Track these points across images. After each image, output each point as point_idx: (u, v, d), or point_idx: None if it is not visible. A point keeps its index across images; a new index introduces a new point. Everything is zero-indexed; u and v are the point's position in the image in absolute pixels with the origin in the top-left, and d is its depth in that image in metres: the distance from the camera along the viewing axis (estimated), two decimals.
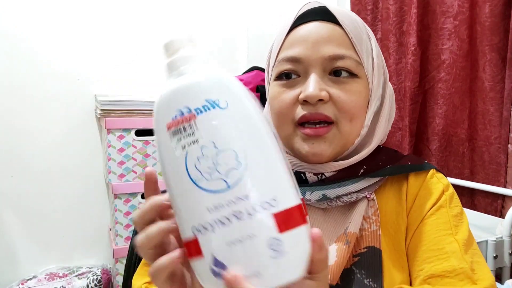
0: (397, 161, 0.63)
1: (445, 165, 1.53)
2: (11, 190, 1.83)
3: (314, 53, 0.57)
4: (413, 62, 1.53)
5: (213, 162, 0.32)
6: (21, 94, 1.82)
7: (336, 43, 0.58)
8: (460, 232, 0.57)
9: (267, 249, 0.31)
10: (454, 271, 0.54)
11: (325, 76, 0.58)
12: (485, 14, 1.33)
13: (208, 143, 0.32)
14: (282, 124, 0.59)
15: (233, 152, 0.32)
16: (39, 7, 1.82)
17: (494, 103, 1.35)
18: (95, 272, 1.82)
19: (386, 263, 0.57)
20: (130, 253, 0.85)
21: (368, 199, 0.59)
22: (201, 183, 0.32)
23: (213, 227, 0.32)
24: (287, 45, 0.60)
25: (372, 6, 1.78)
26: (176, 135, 0.33)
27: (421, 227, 0.59)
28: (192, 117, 0.33)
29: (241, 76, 1.99)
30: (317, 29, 0.58)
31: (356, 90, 0.58)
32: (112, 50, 1.95)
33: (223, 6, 2.16)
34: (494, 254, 1.16)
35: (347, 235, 0.56)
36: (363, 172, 0.60)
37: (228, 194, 0.32)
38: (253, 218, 0.31)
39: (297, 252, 0.32)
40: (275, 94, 0.60)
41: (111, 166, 1.70)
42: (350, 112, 0.57)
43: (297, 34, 0.60)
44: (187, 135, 0.33)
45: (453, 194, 0.62)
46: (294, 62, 0.58)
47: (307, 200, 0.59)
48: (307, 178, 0.60)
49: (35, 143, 1.85)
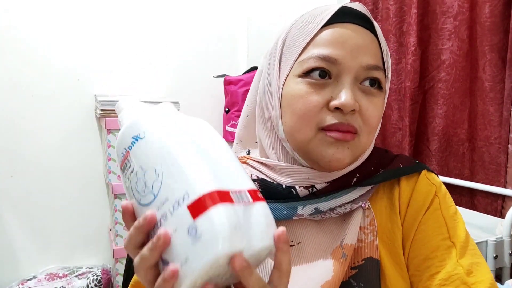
0: (389, 164, 0.61)
1: (445, 165, 1.53)
2: (11, 190, 1.83)
3: (352, 58, 0.54)
4: (413, 62, 1.53)
5: (144, 181, 0.40)
6: (21, 94, 1.82)
7: (373, 53, 0.56)
8: (456, 234, 0.56)
9: (187, 236, 0.36)
10: (449, 278, 0.53)
11: (355, 85, 0.55)
12: (485, 14, 1.33)
13: (138, 168, 0.41)
14: (303, 126, 0.55)
15: (153, 168, 0.40)
16: (39, 7, 1.82)
17: (494, 103, 1.35)
18: (95, 272, 1.82)
19: (385, 273, 0.56)
20: None
21: (364, 208, 0.58)
22: (141, 201, 0.40)
23: (154, 232, 0.39)
24: (321, 42, 0.55)
25: (372, 6, 1.78)
26: (124, 171, 0.43)
27: (418, 235, 0.57)
28: (127, 154, 0.43)
29: (241, 76, 1.99)
30: (357, 34, 0.55)
31: (380, 104, 0.57)
32: (112, 50, 1.96)
33: (223, 6, 2.16)
34: (494, 254, 1.16)
35: (343, 247, 0.55)
36: (356, 181, 0.58)
37: (156, 202, 0.39)
38: (173, 215, 0.38)
39: (211, 231, 0.36)
40: (300, 93, 0.55)
41: (111, 166, 1.70)
42: (373, 125, 0.56)
43: (334, 33, 0.55)
44: (127, 168, 0.43)
45: (446, 194, 0.61)
46: (329, 62, 0.54)
47: (299, 215, 0.56)
48: (297, 193, 0.58)
49: (35, 143, 1.85)
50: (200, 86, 2.12)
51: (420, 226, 0.58)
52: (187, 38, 2.10)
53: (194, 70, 2.11)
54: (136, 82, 2.00)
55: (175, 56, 2.08)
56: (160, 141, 0.41)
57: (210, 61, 2.14)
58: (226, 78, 2.02)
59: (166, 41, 2.06)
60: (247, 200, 0.40)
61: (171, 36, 2.07)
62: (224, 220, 0.37)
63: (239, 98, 1.93)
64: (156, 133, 0.42)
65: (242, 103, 1.92)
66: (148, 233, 0.40)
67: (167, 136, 0.42)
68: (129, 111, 0.47)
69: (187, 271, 0.36)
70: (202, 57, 2.13)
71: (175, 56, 2.08)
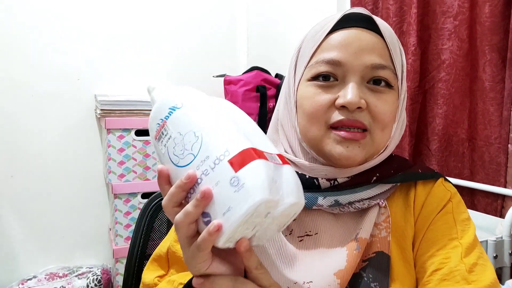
0: (408, 169, 0.64)
1: (445, 165, 1.53)
2: (11, 190, 1.83)
3: (356, 59, 0.57)
4: (413, 62, 1.53)
5: (182, 144, 0.44)
6: (21, 94, 1.82)
7: (378, 53, 0.58)
8: (465, 236, 0.58)
9: (230, 187, 0.40)
10: (450, 273, 0.54)
11: (362, 84, 0.58)
12: (485, 14, 1.33)
13: (176, 134, 0.45)
14: (313, 125, 0.59)
15: (192, 132, 0.44)
16: (39, 7, 1.82)
17: (494, 103, 1.35)
18: (95, 272, 1.82)
19: (394, 269, 0.57)
20: (130, 253, 0.86)
21: (380, 206, 0.60)
22: (179, 163, 0.44)
23: (194, 190, 0.43)
24: (326, 47, 0.59)
25: (372, 6, 1.78)
26: (160, 140, 0.47)
27: (427, 234, 0.59)
28: (164, 123, 0.47)
29: (241, 76, 1.99)
30: (360, 36, 0.58)
31: (390, 100, 0.59)
32: (112, 50, 1.96)
33: (223, 6, 2.16)
34: (494, 254, 1.16)
35: (357, 240, 0.57)
36: (376, 179, 0.61)
37: (196, 162, 0.43)
38: (215, 170, 0.41)
39: (253, 180, 0.40)
40: (309, 94, 0.59)
41: (111, 166, 1.70)
42: (384, 122, 0.58)
43: (338, 38, 0.59)
44: (164, 136, 0.47)
45: (460, 201, 0.62)
46: (333, 65, 0.58)
47: (319, 205, 0.59)
48: (320, 184, 0.60)
49: (35, 143, 1.85)
50: (200, 86, 2.10)
51: (431, 226, 0.59)
52: (187, 38, 2.10)
53: (194, 70, 2.11)
54: (136, 82, 2.00)
55: (175, 56, 2.08)
56: (198, 109, 0.46)
57: (210, 61, 2.14)
58: (226, 78, 2.02)
59: (166, 41, 2.06)
60: (278, 162, 0.45)
61: (171, 36, 2.07)
62: (264, 172, 0.41)
63: (239, 98, 1.93)
64: (193, 102, 0.47)
65: (242, 103, 1.92)
66: (188, 191, 0.43)
67: (203, 105, 0.47)
68: (161, 90, 0.52)
69: (229, 219, 0.40)
70: (202, 57, 2.13)
71: (175, 56, 2.08)
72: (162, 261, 0.65)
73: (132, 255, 0.85)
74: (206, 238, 0.41)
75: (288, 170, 0.45)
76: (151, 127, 0.49)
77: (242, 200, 0.39)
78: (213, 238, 0.40)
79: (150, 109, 0.51)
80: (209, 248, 0.42)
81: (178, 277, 0.59)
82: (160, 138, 0.47)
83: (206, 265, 0.44)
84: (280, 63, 2.04)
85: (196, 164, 0.43)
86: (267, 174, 0.41)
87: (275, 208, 0.42)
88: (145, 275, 0.65)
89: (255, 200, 0.39)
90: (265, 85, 1.93)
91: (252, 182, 0.40)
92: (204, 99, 0.49)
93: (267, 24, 2.18)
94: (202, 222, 0.42)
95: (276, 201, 0.41)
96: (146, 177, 1.76)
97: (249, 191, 0.39)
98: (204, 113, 0.46)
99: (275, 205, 0.42)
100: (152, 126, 0.49)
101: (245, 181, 0.40)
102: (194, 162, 0.43)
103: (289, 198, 0.43)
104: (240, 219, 0.39)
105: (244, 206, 0.39)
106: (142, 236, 0.86)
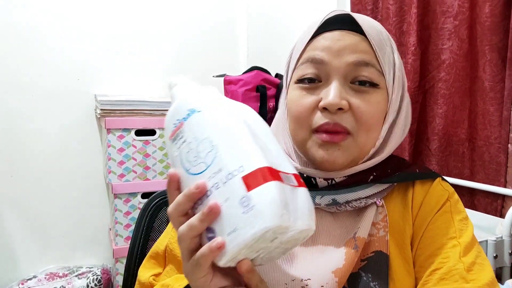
0: (406, 169, 0.64)
1: (445, 165, 1.53)
2: (11, 190, 1.83)
3: (338, 58, 0.57)
4: (413, 62, 1.53)
5: (196, 151, 0.42)
6: (21, 94, 1.82)
7: (360, 51, 0.58)
8: (464, 235, 0.58)
9: (239, 207, 0.38)
10: (449, 273, 0.54)
11: (346, 84, 0.58)
12: (485, 14, 1.33)
13: (192, 139, 0.43)
14: (299, 128, 0.60)
15: (208, 140, 0.42)
16: (39, 7, 1.82)
17: (494, 103, 1.35)
18: (95, 272, 1.82)
19: (393, 268, 0.57)
20: (130, 253, 0.86)
21: (378, 205, 0.60)
22: (191, 170, 0.42)
23: (201, 201, 0.41)
24: (310, 50, 0.60)
25: (372, 6, 1.78)
26: (174, 141, 0.45)
27: (426, 233, 0.59)
28: (181, 125, 0.45)
29: (241, 76, 1.98)
30: (341, 37, 0.59)
31: (375, 100, 0.58)
32: (112, 50, 1.96)
33: (223, 6, 2.16)
34: (494, 254, 1.16)
35: (356, 239, 0.57)
36: (373, 178, 0.61)
37: (208, 172, 0.41)
38: (226, 185, 0.39)
39: (264, 204, 0.38)
40: (294, 98, 0.60)
41: (111, 166, 1.70)
42: (368, 123, 0.58)
43: (321, 41, 0.59)
44: (179, 139, 0.44)
45: (458, 201, 0.63)
46: (316, 64, 0.58)
47: (317, 204, 0.59)
48: (317, 183, 0.61)
49: (35, 143, 1.85)
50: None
51: (429, 225, 0.60)
52: (187, 37, 2.10)
53: (194, 70, 2.11)
54: (136, 82, 2.00)
55: (175, 55, 2.08)
56: (218, 117, 0.44)
57: (210, 61, 2.14)
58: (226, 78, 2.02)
59: (166, 41, 2.06)
60: (293, 183, 0.43)
61: (171, 36, 2.07)
62: (277, 196, 0.38)
63: (239, 98, 1.92)
64: (213, 107, 0.45)
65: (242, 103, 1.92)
66: (196, 202, 0.41)
67: (224, 113, 0.45)
68: (183, 87, 0.49)
69: (233, 240, 0.38)
70: (202, 57, 2.13)
71: (175, 56, 2.08)
72: (159, 259, 0.65)
73: (132, 255, 0.85)
74: (206, 254, 0.39)
75: (302, 193, 0.43)
76: (167, 126, 0.47)
77: (249, 224, 0.37)
78: (214, 255, 0.39)
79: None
80: (208, 264, 0.41)
81: (172, 280, 0.59)
82: (175, 139, 0.45)
83: (207, 280, 0.42)
84: (280, 63, 2.02)
85: (208, 175, 0.41)
86: (280, 198, 0.38)
87: (283, 234, 0.40)
88: (141, 272, 0.64)
89: (263, 226, 0.37)
90: (265, 85, 1.92)
91: (263, 205, 0.38)
92: (225, 105, 0.46)
93: (267, 24, 2.18)
94: (205, 237, 0.40)
95: (285, 227, 0.39)
96: (146, 177, 1.76)
97: (258, 215, 0.37)
98: (224, 121, 0.43)
99: (284, 232, 0.39)
100: (168, 125, 0.46)
101: (255, 203, 0.38)
102: (205, 172, 0.41)
103: (299, 225, 0.41)
104: (244, 243, 0.38)
105: (251, 231, 0.37)
106: (142, 236, 0.86)
